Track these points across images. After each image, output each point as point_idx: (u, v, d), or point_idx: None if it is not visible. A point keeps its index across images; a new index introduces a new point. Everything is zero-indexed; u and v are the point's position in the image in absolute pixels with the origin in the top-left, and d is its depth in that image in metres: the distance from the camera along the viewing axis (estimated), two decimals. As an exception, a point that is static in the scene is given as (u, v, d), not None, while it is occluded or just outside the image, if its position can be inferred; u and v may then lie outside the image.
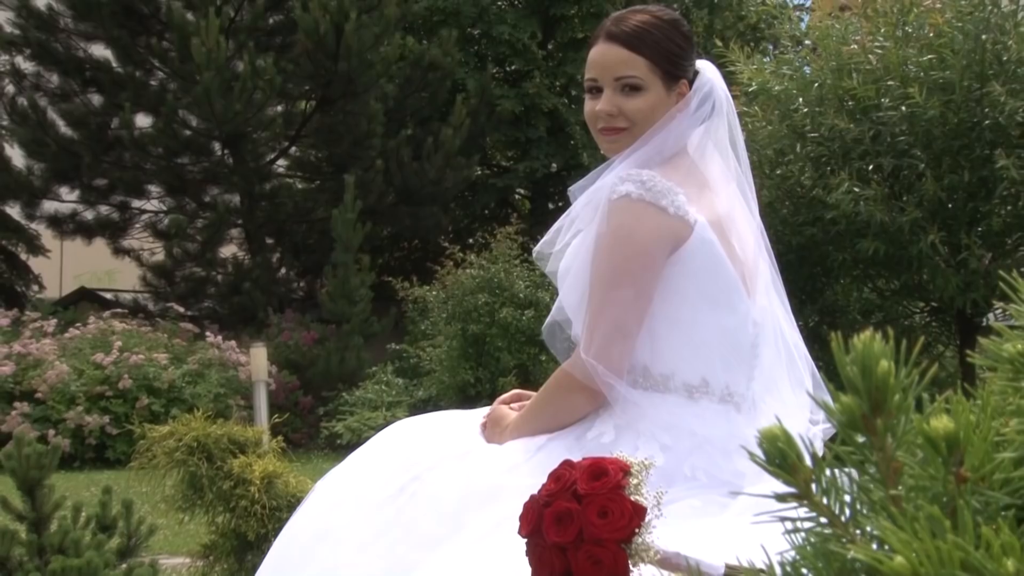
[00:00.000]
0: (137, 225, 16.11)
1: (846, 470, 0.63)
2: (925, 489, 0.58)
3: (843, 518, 0.60)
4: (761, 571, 0.64)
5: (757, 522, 0.63)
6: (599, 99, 2.25)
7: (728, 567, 1.38)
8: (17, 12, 14.83)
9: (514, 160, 18.88)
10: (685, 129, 2.26)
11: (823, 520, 0.61)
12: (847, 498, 0.61)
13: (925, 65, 7.64)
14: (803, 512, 0.61)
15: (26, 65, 15.29)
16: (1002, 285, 0.67)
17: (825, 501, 0.61)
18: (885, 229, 7.63)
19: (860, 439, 0.60)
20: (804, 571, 0.59)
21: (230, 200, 15.23)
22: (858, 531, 0.60)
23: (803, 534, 0.61)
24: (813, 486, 0.61)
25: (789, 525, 0.62)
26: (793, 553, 0.61)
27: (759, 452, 0.61)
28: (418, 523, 1.93)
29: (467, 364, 12.06)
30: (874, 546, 0.58)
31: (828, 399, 0.64)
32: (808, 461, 0.61)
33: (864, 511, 0.60)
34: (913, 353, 0.60)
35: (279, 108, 15.04)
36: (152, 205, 15.94)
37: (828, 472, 0.61)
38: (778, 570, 0.60)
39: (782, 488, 0.63)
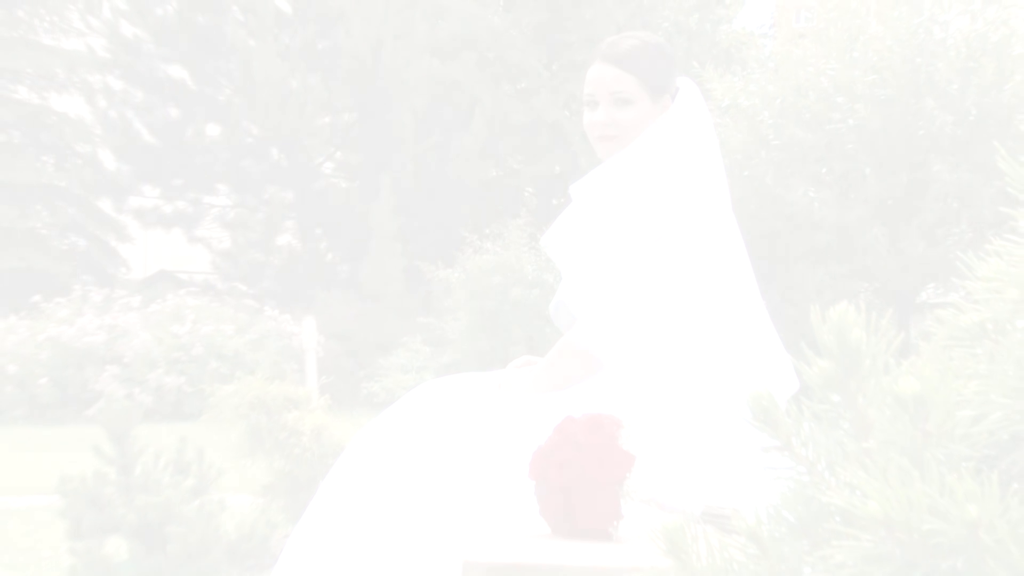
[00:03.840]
0: (208, 217, 16.13)
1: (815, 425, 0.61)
2: (894, 443, 0.56)
3: (820, 468, 0.58)
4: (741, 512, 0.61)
5: (745, 471, 0.61)
6: (596, 111, 2.22)
7: (705, 506, 1.36)
8: (108, 39, 14.89)
9: (523, 164, 18.82)
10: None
11: (802, 469, 0.58)
12: (824, 450, 0.58)
13: (870, 84, 7.58)
14: (785, 462, 0.59)
15: (116, 83, 15.34)
16: (960, 265, 0.65)
17: (804, 453, 0.58)
18: (836, 224, 7.60)
19: (836, 398, 0.57)
20: (786, 514, 0.56)
21: (285, 197, 15.25)
22: (834, 479, 0.57)
23: (785, 481, 0.59)
24: (794, 440, 0.59)
25: (773, 473, 0.59)
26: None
27: (746, 411, 0.59)
28: (441, 470, 1.92)
29: (483, 335, 12.04)
30: (848, 492, 0.56)
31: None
32: (789, 420, 0.59)
33: (840, 462, 0.57)
34: (883, 324, 0.58)
35: (326, 119, 15.03)
36: (220, 201, 15.97)
37: (806, 427, 0.59)
38: (763, 513, 0.57)
39: (764, 441, 0.61)
